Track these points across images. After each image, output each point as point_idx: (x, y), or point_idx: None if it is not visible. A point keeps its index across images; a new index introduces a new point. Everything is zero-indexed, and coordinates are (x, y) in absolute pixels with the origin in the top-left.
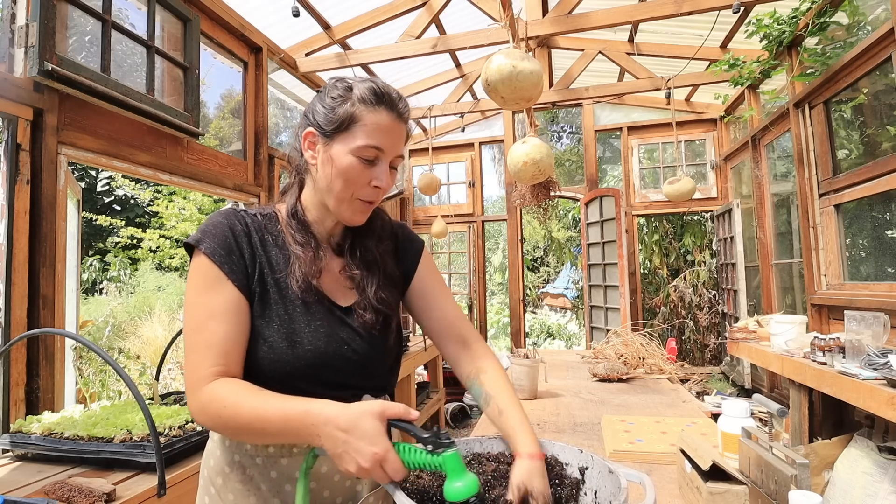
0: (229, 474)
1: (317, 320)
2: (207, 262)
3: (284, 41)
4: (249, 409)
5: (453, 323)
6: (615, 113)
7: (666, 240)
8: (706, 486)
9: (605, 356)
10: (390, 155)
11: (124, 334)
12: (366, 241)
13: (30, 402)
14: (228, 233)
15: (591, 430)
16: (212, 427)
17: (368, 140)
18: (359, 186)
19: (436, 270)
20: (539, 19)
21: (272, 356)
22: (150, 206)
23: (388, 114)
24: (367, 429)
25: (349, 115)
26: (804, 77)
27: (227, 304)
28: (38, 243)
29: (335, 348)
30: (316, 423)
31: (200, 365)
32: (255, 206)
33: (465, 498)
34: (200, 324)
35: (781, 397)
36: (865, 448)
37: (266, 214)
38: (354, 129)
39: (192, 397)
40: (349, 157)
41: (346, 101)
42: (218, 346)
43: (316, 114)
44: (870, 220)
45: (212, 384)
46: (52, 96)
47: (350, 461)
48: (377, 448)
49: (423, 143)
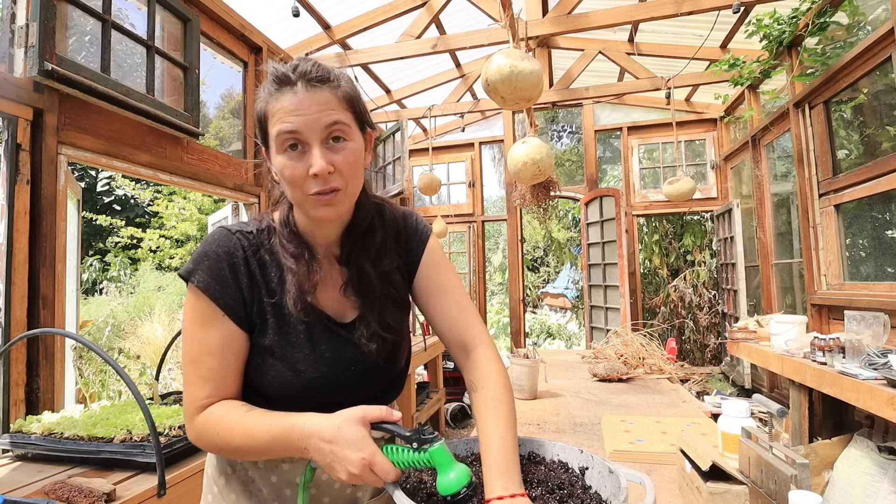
0: (231, 475)
1: (321, 345)
2: (202, 296)
3: (284, 41)
4: (240, 433)
5: (453, 325)
6: (615, 113)
7: (666, 240)
8: (706, 486)
9: (605, 356)
10: (312, 132)
11: (124, 334)
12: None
13: (30, 402)
14: (224, 264)
15: (591, 430)
16: (211, 451)
17: (279, 127)
18: (301, 181)
19: (439, 263)
20: (539, 19)
21: (277, 384)
22: (150, 206)
23: (290, 91)
24: (350, 436)
25: (263, 115)
26: (804, 77)
27: (223, 338)
28: (38, 243)
29: (341, 372)
30: (301, 437)
31: (196, 396)
32: (252, 220)
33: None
34: (196, 358)
35: (781, 397)
36: (865, 448)
37: (262, 229)
38: (269, 127)
39: (188, 425)
40: (279, 157)
41: (259, 102)
42: (213, 380)
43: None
44: (870, 220)
45: (205, 412)
46: (52, 96)
47: (340, 469)
48: (363, 453)
49: (423, 143)
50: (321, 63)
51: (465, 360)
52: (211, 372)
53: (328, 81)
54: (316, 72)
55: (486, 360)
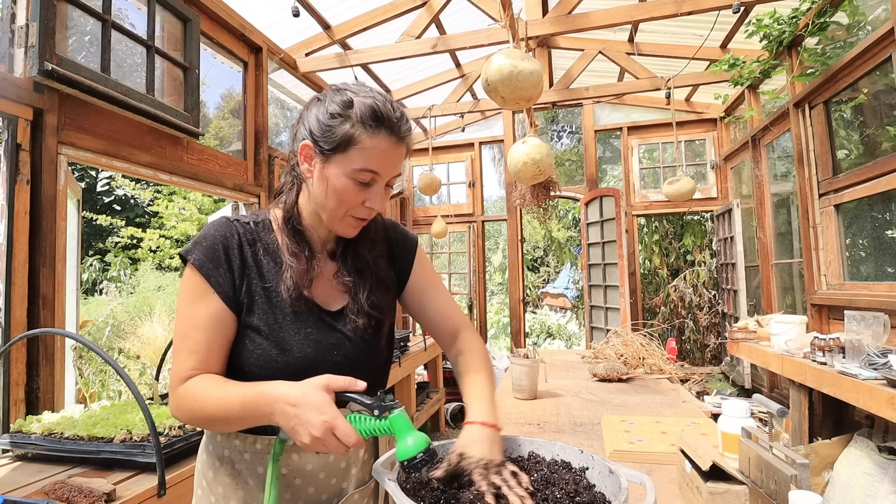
0: (219, 468)
1: (307, 327)
2: (196, 273)
3: (284, 41)
4: (214, 400)
5: (447, 316)
6: (615, 113)
7: (666, 240)
8: (706, 486)
9: (605, 356)
10: (386, 177)
11: (124, 334)
12: (358, 247)
13: (30, 402)
14: (219, 245)
15: (592, 430)
16: (187, 421)
17: (365, 164)
18: (352, 206)
19: (430, 267)
20: (539, 19)
21: (262, 362)
22: (150, 206)
23: (387, 137)
24: (314, 400)
25: (348, 137)
26: (804, 77)
27: (211, 315)
28: (38, 243)
29: (324, 354)
30: (268, 401)
31: (181, 367)
32: (250, 213)
33: (414, 454)
34: (185, 332)
35: (781, 397)
36: (865, 448)
37: (260, 222)
38: (352, 151)
39: (171, 395)
40: (344, 178)
41: (346, 122)
42: (199, 354)
43: (313, 126)
44: (870, 220)
45: (186, 383)
46: (52, 96)
47: (303, 433)
48: (325, 416)
49: (423, 143)
50: (410, 121)
51: (451, 342)
52: (197, 345)
53: (408, 141)
54: (407, 129)
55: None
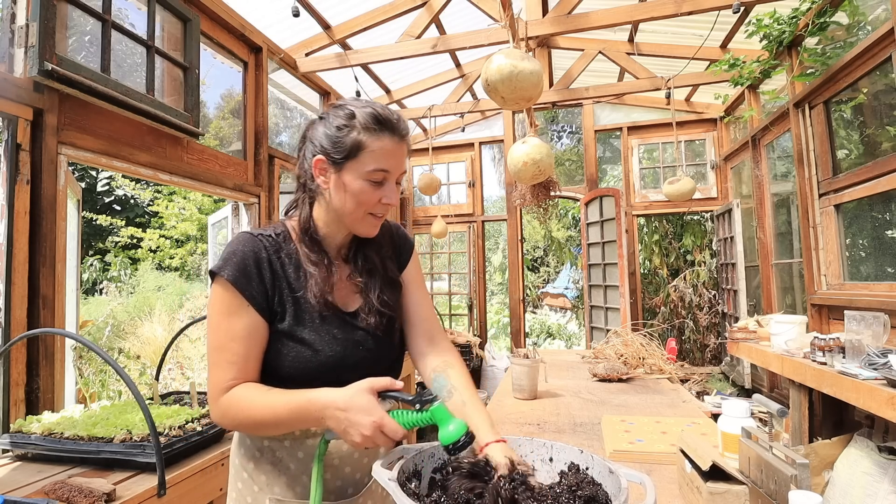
0: (260, 458)
1: (333, 328)
2: (230, 288)
3: (284, 41)
4: (261, 407)
5: (425, 318)
6: (615, 113)
7: (666, 240)
8: (706, 486)
9: (605, 356)
10: (396, 174)
11: (124, 334)
12: (366, 250)
13: (30, 402)
14: (250, 260)
15: (591, 430)
16: (232, 428)
17: (377, 164)
18: (370, 205)
19: (420, 269)
20: (539, 19)
21: (298, 364)
22: (150, 206)
23: (390, 138)
24: (362, 403)
25: (356, 143)
26: (804, 77)
27: (247, 327)
28: (38, 243)
29: (351, 352)
30: (318, 408)
31: (221, 378)
32: (268, 226)
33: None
34: (222, 344)
35: (781, 397)
36: (865, 448)
37: (279, 234)
38: (362, 155)
39: (213, 405)
40: (359, 181)
41: (352, 130)
42: (237, 364)
43: (322, 141)
44: (870, 220)
45: (229, 393)
46: (52, 96)
47: (354, 433)
48: (374, 417)
49: (423, 143)
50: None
51: (431, 346)
52: (235, 356)
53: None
54: (406, 129)
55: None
